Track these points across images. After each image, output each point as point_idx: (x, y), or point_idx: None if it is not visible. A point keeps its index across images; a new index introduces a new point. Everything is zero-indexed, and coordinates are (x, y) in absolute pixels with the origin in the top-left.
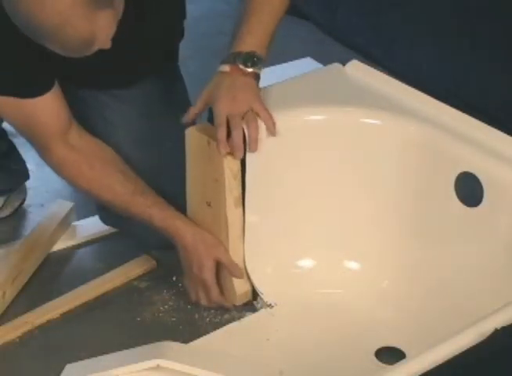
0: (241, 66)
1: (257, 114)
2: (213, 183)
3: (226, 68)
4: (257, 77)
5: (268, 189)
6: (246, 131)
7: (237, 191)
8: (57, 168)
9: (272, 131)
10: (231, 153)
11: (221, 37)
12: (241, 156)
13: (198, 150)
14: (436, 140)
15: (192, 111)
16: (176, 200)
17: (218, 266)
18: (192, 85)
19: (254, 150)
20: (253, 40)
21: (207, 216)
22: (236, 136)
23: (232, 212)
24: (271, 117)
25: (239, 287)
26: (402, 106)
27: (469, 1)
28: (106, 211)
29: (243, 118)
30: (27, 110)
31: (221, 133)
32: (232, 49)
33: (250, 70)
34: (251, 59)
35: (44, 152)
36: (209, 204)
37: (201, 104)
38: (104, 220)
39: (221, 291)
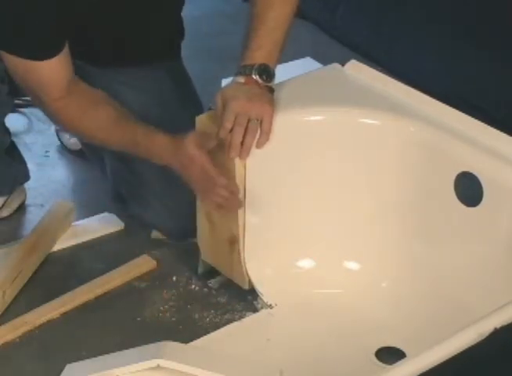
0: (256, 78)
1: (261, 124)
2: (222, 172)
3: (241, 79)
4: (271, 90)
5: (268, 190)
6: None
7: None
8: (55, 114)
9: (259, 145)
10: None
11: (221, 37)
12: (235, 155)
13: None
14: (435, 140)
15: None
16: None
17: (229, 250)
18: None
19: (243, 157)
20: (262, 53)
21: None
22: (237, 138)
23: (241, 201)
24: (269, 134)
25: None
26: (402, 107)
27: (469, 1)
28: (124, 203)
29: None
30: (36, 69)
31: (226, 130)
32: (243, 62)
33: (265, 83)
34: (265, 72)
35: (45, 103)
36: None
37: (222, 106)
38: (123, 211)
39: (233, 276)
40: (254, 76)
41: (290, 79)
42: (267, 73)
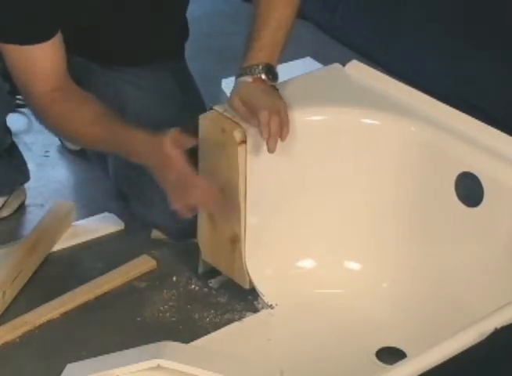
0: (264, 78)
1: (279, 113)
2: (226, 170)
3: (249, 79)
4: (276, 90)
5: (269, 190)
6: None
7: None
8: (43, 111)
9: (284, 137)
10: (244, 142)
11: (221, 37)
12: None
13: (212, 137)
14: (436, 140)
15: (245, 117)
16: None
17: (231, 249)
18: None
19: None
20: (266, 54)
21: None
22: (275, 126)
23: (244, 199)
24: (289, 125)
25: None
26: (402, 107)
27: (469, 1)
28: (126, 201)
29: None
30: (29, 56)
31: (266, 123)
32: (247, 62)
33: (271, 82)
34: (271, 72)
35: (34, 97)
36: (221, 191)
37: (244, 108)
38: (124, 209)
39: (233, 276)
40: (260, 75)
41: (291, 79)
42: (272, 73)
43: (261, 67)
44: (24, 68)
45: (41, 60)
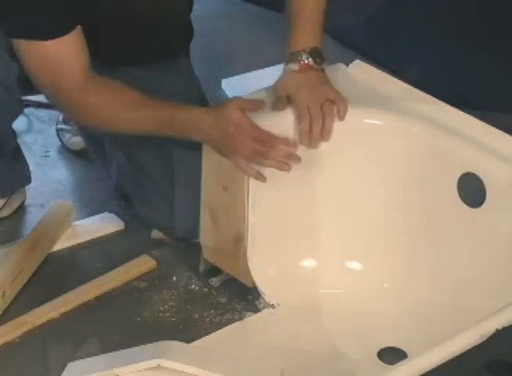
0: (311, 63)
1: (333, 102)
2: (230, 169)
3: (295, 67)
4: (323, 71)
5: (270, 190)
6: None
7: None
8: (79, 102)
9: (341, 116)
10: None
11: (221, 37)
12: (317, 143)
13: None
14: (439, 141)
15: (284, 102)
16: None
17: (234, 248)
18: None
19: (327, 139)
20: (309, 37)
21: (223, 200)
22: (317, 127)
23: (247, 198)
24: (345, 103)
25: None
26: (405, 107)
27: (469, 1)
28: (128, 201)
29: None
30: (54, 51)
31: (306, 125)
32: (292, 49)
33: (318, 66)
34: (317, 54)
35: (67, 90)
36: (225, 189)
37: (285, 104)
38: (126, 209)
39: (237, 274)
40: (307, 60)
41: None
42: (319, 55)
43: (307, 52)
44: (48, 65)
45: (67, 54)
